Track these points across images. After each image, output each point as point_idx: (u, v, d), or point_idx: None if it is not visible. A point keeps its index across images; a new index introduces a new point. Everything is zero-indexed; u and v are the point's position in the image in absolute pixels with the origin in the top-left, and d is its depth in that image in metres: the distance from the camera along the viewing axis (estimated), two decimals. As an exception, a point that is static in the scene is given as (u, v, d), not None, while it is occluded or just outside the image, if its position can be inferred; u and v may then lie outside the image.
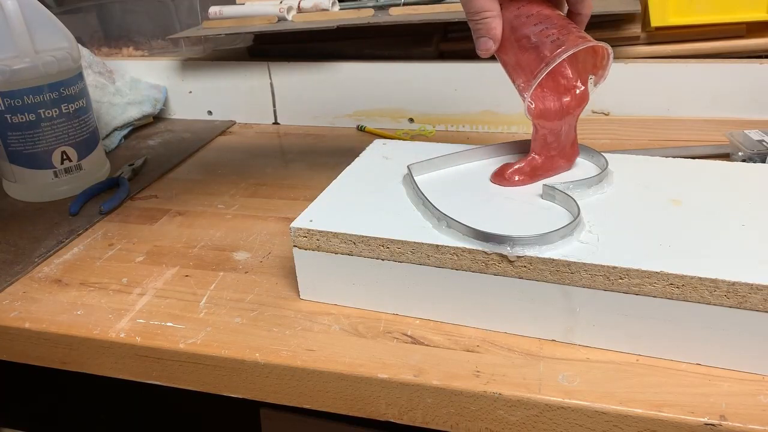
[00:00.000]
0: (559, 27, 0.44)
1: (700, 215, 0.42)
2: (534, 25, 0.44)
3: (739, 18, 0.73)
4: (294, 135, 0.84)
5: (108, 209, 0.63)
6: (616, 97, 0.76)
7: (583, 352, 0.39)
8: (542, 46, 0.43)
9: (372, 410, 0.40)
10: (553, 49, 0.42)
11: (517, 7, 0.45)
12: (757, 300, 0.34)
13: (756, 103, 0.73)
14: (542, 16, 0.44)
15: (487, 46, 0.45)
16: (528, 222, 0.42)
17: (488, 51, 0.46)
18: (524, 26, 0.44)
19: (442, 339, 0.41)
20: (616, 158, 0.50)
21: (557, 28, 0.44)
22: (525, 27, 0.44)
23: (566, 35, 0.43)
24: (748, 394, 0.35)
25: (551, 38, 0.43)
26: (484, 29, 0.45)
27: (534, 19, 0.44)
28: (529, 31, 0.44)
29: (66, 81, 0.64)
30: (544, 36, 0.43)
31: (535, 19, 0.44)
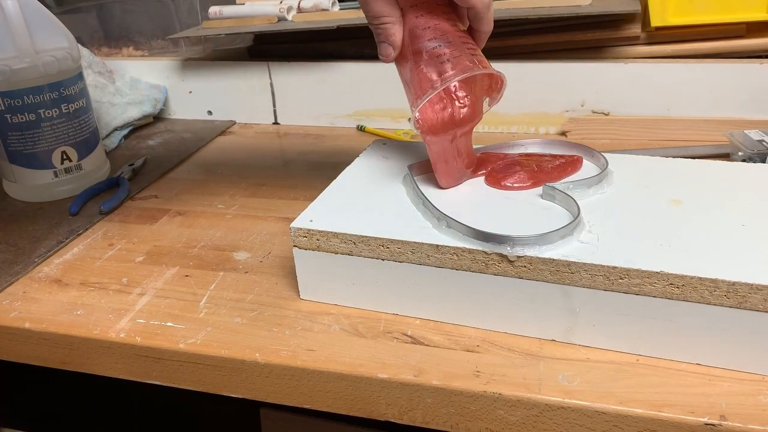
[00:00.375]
0: (452, 46, 0.43)
1: (700, 215, 0.42)
2: (429, 40, 0.43)
3: (739, 18, 0.73)
4: (294, 135, 0.84)
5: (108, 209, 0.63)
6: (616, 97, 0.76)
7: (583, 352, 0.39)
8: (432, 65, 0.43)
9: (372, 410, 0.40)
10: (440, 72, 0.42)
11: (416, 16, 0.44)
12: (757, 300, 0.34)
13: (756, 102, 0.72)
14: (439, 31, 0.43)
15: (387, 52, 0.44)
16: (528, 222, 0.42)
17: (388, 57, 0.45)
18: (420, 38, 0.43)
19: (442, 339, 0.41)
20: (616, 158, 0.50)
21: (450, 47, 0.43)
22: (420, 39, 0.43)
23: (458, 57, 0.42)
24: (748, 394, 0.35)
25: (442, 59, 0.42)
26: (383, 35, 0.44)
27: (430, 32, 0.43)
28: (422, 45, 0.43)
29: (66, 81, 0.64)
30: (436, 55, 0.43)
31: (432, 33, 0.43)
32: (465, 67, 0.42)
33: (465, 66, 0.42)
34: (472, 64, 0.42)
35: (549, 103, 0.78)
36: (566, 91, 0.77)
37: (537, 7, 0.75)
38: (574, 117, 0.77)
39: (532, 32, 0.78)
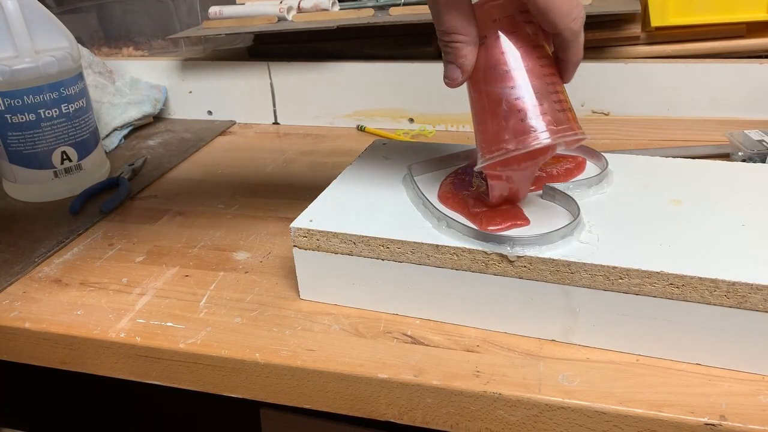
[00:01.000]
0: (537, 97, 0.37)
1: (700, 215, 0.42)
2: (510, 87, 0.37)
3: (739, 18, 0.73)
4: (294, 135, 0.84)
5: (108, 209, 0.63)
6: (616, 97, 0.76)
7: (583, 352, 0.39)
8: (510, 119, 0.37)
9: (372, 410, 0.40)
10: (518, 132, 0.37)
11: (495, 38, 0.37)
12: (757, 300, 0.34)
13: (756, 102, 0.72)
14: (522, 73, 0.37)
15: (454, 75, 0.38)
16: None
17: (454, 81, 0.38)
18: (499, 80, 0.37)
19: (442, 339, 0.41)
20: (616, 158, 0.50)
21: (534, 99, 0.37)
22: (500, 82, 0.37)
23: (541, 116, 0.37)
24: (748, 394, 0.35)
25: (522, 115, 0.37)
26: (453, 55, 0.37)
27: (512, 74, 0.37)
28: (501, 91, 0.37)
29: (66, 81, 0.64)
30: (516, 109, 0.37)
31: (513, 76, 0.37)
32: (550, 133, 0.37)
33: (548, 132, 0.37)
34: (555, 125, 0.37)
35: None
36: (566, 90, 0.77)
37: (537, 7, 0.75)
38: (574, 117, 0.77)
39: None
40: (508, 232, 0.40)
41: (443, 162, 0.51)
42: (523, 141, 0.37)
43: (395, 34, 0.83)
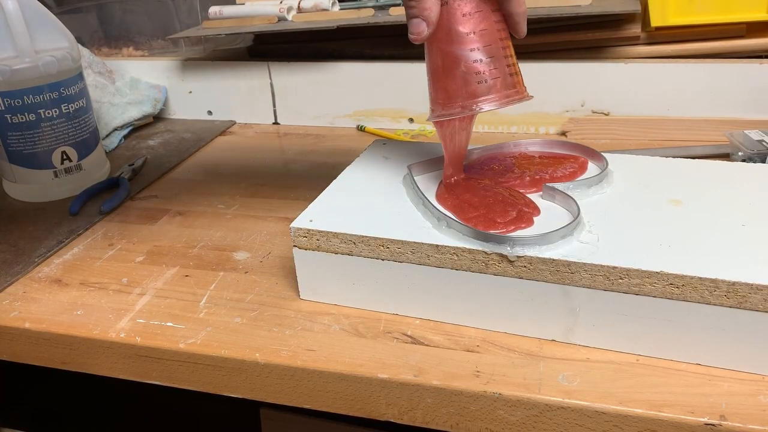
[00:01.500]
0: (493, 62, 0.40)
1: (700, 215, 0.42)
2: (470, 49, 0.40)
3: (739, 18, 0.73)
4: (294, 135, 0.84)
5: (108, 209, 0.63)
6: (616, 97, 0.76)
7: (583, 352, 0.39)
8: (466, 80, 0.40)
9: (372, 410, 0.40)
10: (472, 93, 0.40)
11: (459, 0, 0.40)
12: (757, 300, 0.34)
13: (756, 103, 0.72)
14: (482, 36, 0.40)
15: (419, 29, 0.39)
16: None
17: (420, 35, 0.40)
18: (460, 41, 0.40)
19: (442, 339, 0.41)
20: (616, 158, 0.50)
21: (490, 64, 0.40)
22: (460, 43, 0.40)
23: (495, 80, 0.40)
24: (748, 394, 0.35)
25: (479, 78, 0.40)
26: (417, 9, 0.39)
27: (473, 37, 0.40)
28: (461, 53, 0.40)
29: (66, 81, 0.64)
30: (474, 71, 0.40)
31: (475, 39, 0.40)
32: (499, 96, 0.40)
33: (499, 95, 0.41)
34: (505, 91, 0.41)
35: (549, 103, 0.78)
36: (566, 91, 0.77)
37: (537, 7, 0.75)
38: (574, 117, 0.77)
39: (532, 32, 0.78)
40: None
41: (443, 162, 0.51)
42: (480, 102, 0.40)
43: (395, 34, 0.83)
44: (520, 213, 0.41)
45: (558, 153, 0.51)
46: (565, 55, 0.78)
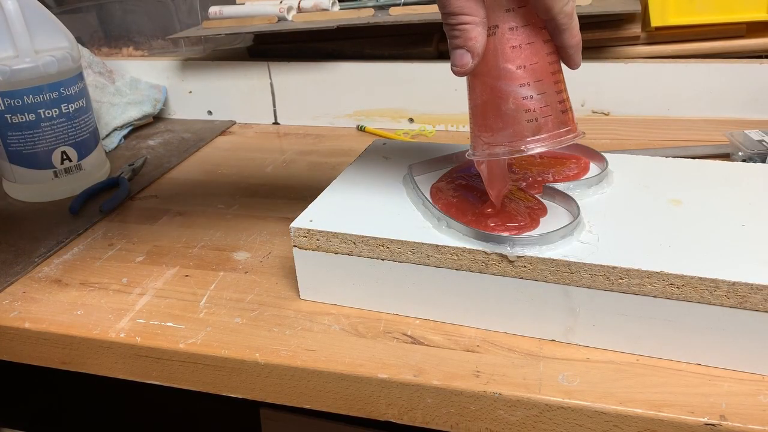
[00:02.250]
0: (544, 99, 0.37)
1: (700, 215, 0.42)
2: (520, 85, 0.36)
3: (739, 18, 0.73)
4: (294, 135, 0.84)
5: (108, 209, 0.63)
6: (616, 97, 0.76)
7: (583, 352, 0.39)
8: (514, 118, 0.37)
9: (372, 410, 0.40)
10: (519, 133, 0.37)
11: (509, 27, 0.36)
12: (758, 300, 0.34)
13: (756, 102, 0.72)
14: (532, 71, 0.36)
15: (464, 61, 0.35)
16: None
17: (464, 68, 0.35)
18: (507, 77, 0.36)
19: (442, 339, 0.41)
20: (616, 158, 0.50)
21: (541, 101, 0.37)
22: (506, 78, 0.36)
23: (546, 118, 0.37)
24: (748, 394, 0.35)
25: (529, 116, 0.36)
26: (462, 38, 0.35)
27: (522, 72, 0.36)
28: (510, 88, 0.36)
29: (66, 81, 0.64)
30: (524, 109, 0.36)
31: (524, 74, 0.36)
32: (551, 136, 0.37)
33: (551, 134, 0.37)
34: (557, 130, 0.37)
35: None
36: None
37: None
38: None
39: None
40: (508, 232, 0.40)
41: (443, 162, 0.51)
42: (530, 143, 0.37)
43: (395, 34, 0.83)
44: (532, 216, 0.41)
45: (560, 153, 0.51)
46: (565, 55, 0.78)
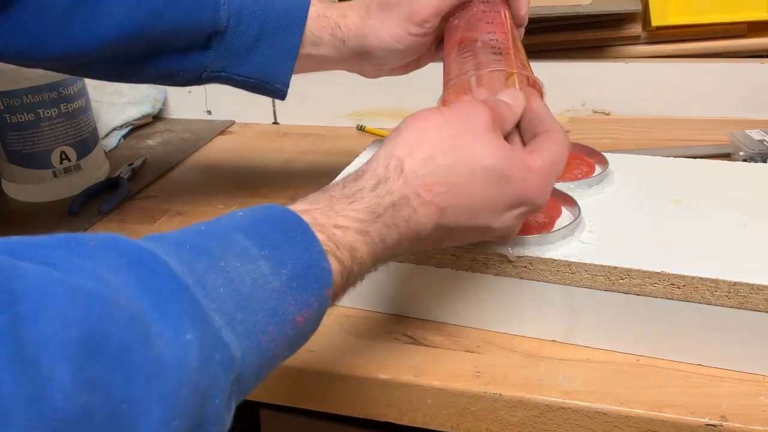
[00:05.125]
0: (505, 51, 0.42)
1: (701, 215, 0.42)
2: (487, 32, 0.43)
3: (740, 17, 0.73)
4: (294, 135, 0.84)
5: (107, 209, 0.63)
6: (617, 96, 0.76)
7: (583, 352, 0.39)
8: (484, 52, 0.41)
9: (372, 411, 0.40)
10: (480, 64, 0.41)
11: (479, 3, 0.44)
12: (758, 300, 0.34)
13: (757, 102, 0.72)
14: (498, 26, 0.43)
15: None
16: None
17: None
18: (478, 29, 0.43)
19: (442, 339, 0.41)
20: (616, 158, 0.50)
21: (503, 48, 0.42)
22: (478, 30, 0.43)
23: (507, 55, 0.41)
24: (749, 395, 0.35)
25: (493, 50, 0.41)
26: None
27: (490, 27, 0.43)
28: (479, 36, 0.43)
29: (65, 81, 0.63)
30: (489, 46, 0.42)
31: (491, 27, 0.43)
32: (508, 63, 0.41)
33: (509, 63, 0.41)
34: (515, 64, 0.41)
35: (549, 102, 0.77)
36: (567, 90, 0.77)
37: (537, 6, 0.75)
38: (574, 117, 0.77)
39: (532, 32, 0.78)
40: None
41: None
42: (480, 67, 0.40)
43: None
44: (551, 216, 0.41)
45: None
46: (565, 55, 0.77)
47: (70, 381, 0.18)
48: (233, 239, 0.26)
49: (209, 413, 0.22)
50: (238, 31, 0.48)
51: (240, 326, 0.24)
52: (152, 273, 0.23)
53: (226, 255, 0.25)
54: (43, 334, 0.18)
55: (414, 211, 0.31)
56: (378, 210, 0.30)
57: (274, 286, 0.25)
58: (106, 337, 0.19)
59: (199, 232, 0.26)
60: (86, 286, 0.20)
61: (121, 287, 0.21)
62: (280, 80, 0.51)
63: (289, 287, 0.26)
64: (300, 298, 0.26)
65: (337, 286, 0.28)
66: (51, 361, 0.18)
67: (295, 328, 0.26)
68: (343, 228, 0.29)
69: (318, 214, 0.29)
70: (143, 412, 0.20)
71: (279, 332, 0.25)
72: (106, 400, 0.19)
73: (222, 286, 0.24)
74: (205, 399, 0.22)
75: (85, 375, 0.18)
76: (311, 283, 0.27)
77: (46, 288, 0.19)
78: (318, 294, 0.27)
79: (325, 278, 0.27)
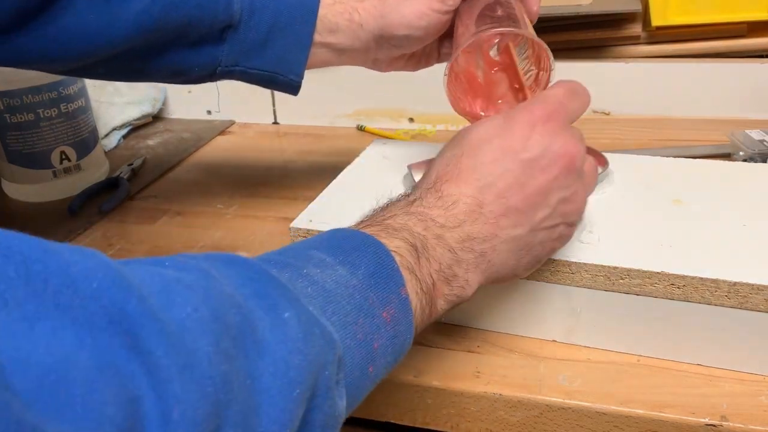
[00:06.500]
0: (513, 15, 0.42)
1: (701, 215, 0.42)
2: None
3: (740, 17, 0.73)
4: (294, 135, 0.84)
5: (107, 209, 0.62)
6: (617, 96, 0.76)
7: (583, 352, 0.39)
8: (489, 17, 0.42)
9: (372, 411, 0.40)
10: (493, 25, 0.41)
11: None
12: (759, 300, 0.34)
13: (757, 102, 0.72)
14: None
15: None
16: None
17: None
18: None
19: (443, 339, 0.41)
20: (616, 158, 0.50)
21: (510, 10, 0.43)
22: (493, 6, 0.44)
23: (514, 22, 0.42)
24: (749, 395, 0.35)
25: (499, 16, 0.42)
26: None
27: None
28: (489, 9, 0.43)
29: (65, 81, 0.63)
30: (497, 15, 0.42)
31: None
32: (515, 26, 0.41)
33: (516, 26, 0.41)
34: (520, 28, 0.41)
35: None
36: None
37: (537, 6, 0.75)
38: (574, 117, 0.77)
39: (532, 32, 0.78)
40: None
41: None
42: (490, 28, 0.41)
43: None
44: None
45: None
46: (566, 55, 0.77)
47: (213, 351, 0.20)
48: (309, 254, 0.29)
49: (321, 385, 0.24)
50: (251, 24, 0.48)
51: (333, 317, 0.26)
52: (248, 269, 0.25)
53: (307, 265, 0.28)
54: (179, 316, 0.20)
55: (438, 191, 0.33)
56: (408, 201, 0.34)
57: (354, 284, 0.28)
58: (226, 319, 0.21)
59: (278, 253, 0.29)
60: (197, 281, 0.22)
61: (224, 278, 0.23)
62: (295, 71, 0.51)
63: (368, 284, 0.28)
64: (380, 294, 0.28)
65: (411, 267, 0.30)
66: (192, 335, 0.20)
67: (385, 324, 0.28)
68: (392, 216, 0.32)
69: (366, 220, 0.33)
70: (263, 388, 0.22)
71: (370, 325, 0.27)
72: (238, 372, 0.21)
73: (309, 287, 0.26)
74: (315, 367, 0.24)
75: (222, 346, 0.21)
76: (386, 280, 0.28)
77: (166, 285, 0.21)
78: (395, 291, 0.29)
79: (397, 278, 0.29)
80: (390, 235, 0.31)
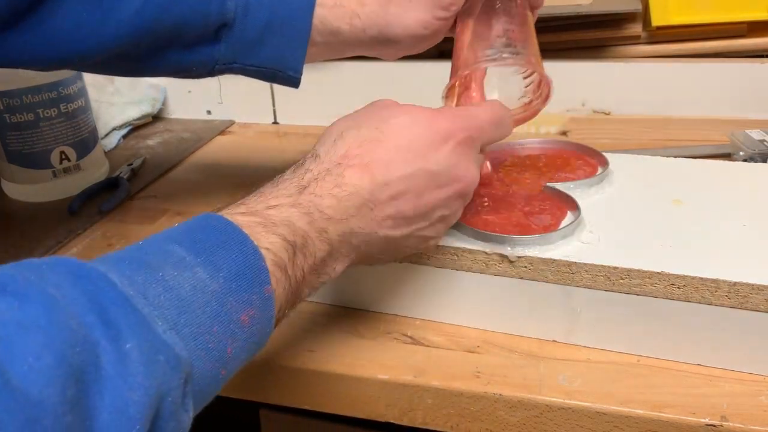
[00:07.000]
0: (523, 38, 0.42)
1: (701, 215, 0.42)
2: (503, 19, 0.43)
3: (740, 17, 0.73)
4: (294, 135, 0.84)
5: (107, 209, 0.62)
6: (618, 96, 0.76)
7: (583, 352, 0.39)
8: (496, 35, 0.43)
9: (372, 411, 0.40)
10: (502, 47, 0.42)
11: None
12: (759, 300, 0.34)
13: (757, 102, 0.72)
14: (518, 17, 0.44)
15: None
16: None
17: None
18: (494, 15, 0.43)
19: (443, 339, 0.41)
20: (616, 158, 0.50)
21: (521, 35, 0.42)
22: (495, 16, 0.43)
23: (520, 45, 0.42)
24: (750, 395, 0.35)
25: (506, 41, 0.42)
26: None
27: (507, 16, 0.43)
28: (494, 21, 0.43)
29: (65, 80, 0.63)
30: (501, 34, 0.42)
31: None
32: (528, 61, 0.41)
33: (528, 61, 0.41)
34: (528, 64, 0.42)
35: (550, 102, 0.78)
36: (567, 90, 0.76)
37: (537, 6, 0.75)
38: (575, 116, 0.77)
39: (532, 32, 0.78)
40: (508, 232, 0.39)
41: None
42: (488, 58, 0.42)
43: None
44: (555, 218, 0.41)
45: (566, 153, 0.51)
46: (566, 55, 0.77)
47: (59, 401, 0.20)
48: (170, 250, 0.27)
49: (164, 411, 0.23)
50: (246, 22, 0.48)
51: (185, 329, 0.25)
52: (95, 285, 0.24)
53: (164, 266, 0.26)
54: (22, 370, 0.19)
55: (340, 176, 0.34)
56: (302, 183, 0.33)
57: (213, 289, 0.27)
58: (71, 360, 0.21)
59: (137, 248, 0.27)
60: (39, 317, 0.21)
61: (70, 305, 0.22)
62: (293, 67, 0.51)
63: (228, 289, 0.27)
64: (240, 298, 0.27)
65: (283, 265, 0.29)
66: (38, 387, 0.19)
67: (242, 327, 0.27)
68: (275, 207, 0.31)
69: (251, 202, 0.32)
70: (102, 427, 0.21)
71: (225, 332, 0.27)
72: (80, 415, 0.20)
73: (162, 294, 0.25)
74: (157, 399, 0.23)
75: (67, 395, 0.20)
76: (249, 282, 0.28)
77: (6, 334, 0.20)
78: (258, 292, 0.28)
79: (263, 277, 0.28)
80: (267, 229, 0.30)
